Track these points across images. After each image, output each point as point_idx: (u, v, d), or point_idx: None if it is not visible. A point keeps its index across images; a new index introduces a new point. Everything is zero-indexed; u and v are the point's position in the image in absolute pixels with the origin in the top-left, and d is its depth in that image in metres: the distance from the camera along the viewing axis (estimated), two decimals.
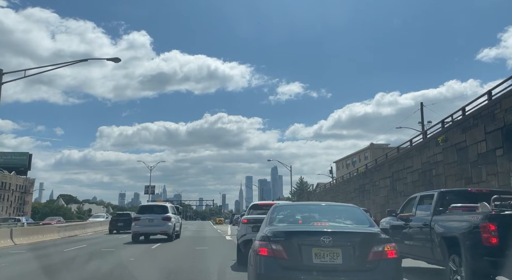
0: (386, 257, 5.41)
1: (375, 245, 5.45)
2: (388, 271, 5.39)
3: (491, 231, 6.91)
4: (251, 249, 6.16)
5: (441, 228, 8.50)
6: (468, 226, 7.50)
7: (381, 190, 27.64)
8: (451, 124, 17.88)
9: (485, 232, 6.96)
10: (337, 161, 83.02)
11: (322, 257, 5.39)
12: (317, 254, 5.41)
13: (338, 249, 5.40)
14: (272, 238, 5.59)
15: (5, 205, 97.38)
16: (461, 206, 8.47)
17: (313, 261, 5.39)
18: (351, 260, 5.37)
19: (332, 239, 5.42)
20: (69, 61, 23.08)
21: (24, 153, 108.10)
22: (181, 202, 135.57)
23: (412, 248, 9.48)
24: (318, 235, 5.54)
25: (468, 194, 9.63)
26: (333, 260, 5.38)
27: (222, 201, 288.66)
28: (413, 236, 9.57)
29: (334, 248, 5.40)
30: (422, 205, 10.10)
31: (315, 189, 75.40)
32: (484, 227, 7.00)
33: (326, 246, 5.40)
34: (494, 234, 6.92)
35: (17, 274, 10.76)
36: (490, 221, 7.00)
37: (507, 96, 13.55)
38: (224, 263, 12.10)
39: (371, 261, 5.36)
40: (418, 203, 10.28)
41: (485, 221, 7.03)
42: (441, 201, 9.34)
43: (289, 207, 7.35)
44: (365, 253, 5.39)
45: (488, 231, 6.94)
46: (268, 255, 5.48)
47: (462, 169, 16.19)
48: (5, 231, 21.85)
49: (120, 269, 11.17)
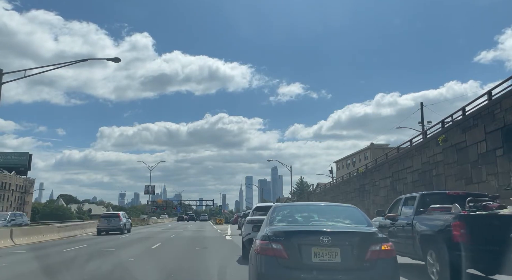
0: (383, 256, 5.53)
1: (373, 245, 5.56)
2: (385, 270, 5.51)
3: (460, 229, 7.94)
4: (252, 249, 6.24)
5: (421, 227, 9.48)
6: (442, 225, 8.58)
7: (381, 190, 27.63)
8: (451, 124, 17.87)
9: (455, 230, 7.99)
10: (337, 161, 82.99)
11: (321, 256, 5.49)
12: (316, 253, 5.50)
13: (337, 248, 5.50)
14: (273, 237, 5.67)
15: (5, 205, 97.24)
16: (439, 207, 9.52)
17: (312, 260, 5.48)
18: (350, 259, 5.47)
19: (331, 238, 5.51)
20: (69, 61, 23.06)
21: (24, 153, 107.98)
22: (181, 202, 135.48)
23: (397, 245, 9.62)
24: (317, 234, 5.62)
25: (447, 196, 10.51)
26: (331, 259, 5.47)
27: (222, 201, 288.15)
28: (398, 234, 10.34)
29: (332, 247, 5.50)
30: (406, 206, 11.03)
31: (315, 189, 75.35)
32: (455, 225, 8.05)
33: (325, 246, 5.50)
34: (463, 232, 7.93)
35: (17, 274, 10.75)
36: (460, 220, 8.07)
37: (507, 96, 13.54)
38: (224, 264, 12.10)
39: (368, 260, 5.46)
40: (403, 204, 11.26)
41: (455, 220, 8.09)
42: (422, 202, 10.34)
43: (288, 207, 7.43)
44: (363, 252, 5.49)
45: (458, 229, 7.97)
46: (268, 254, 5.56)
47: (462, 169, 16.18)
48: (5, 231, 21.84)
49: (120, 269, 11.16)
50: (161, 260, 13.38)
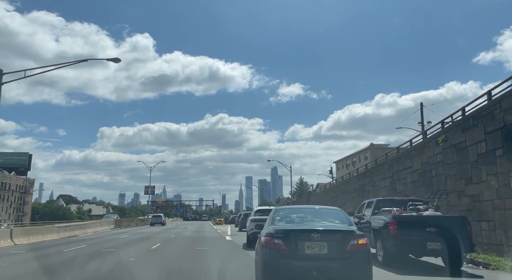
0: (360, 248, 7.22)
1: (352, 239, 7.25)
2: (361, 259, 7.20)
3: (394, 225, 11.39)
4: (257, 243, 7.98)
5: (373, 223, 13.04)
6: (385, 222, 12.00)
7: (381, 190, 27.62)
8: (451, 125, 17.86)
9: (391, 226, 11.45)
10: (337, 162, 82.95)
11: (313, 249, 7.16)
12: (308, 246, 7.16)
13: (324, 242, 7.17)
14: (275, 234, 7.34)
15: (5, 205, 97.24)
16: (386, 210, 13.29)
17: (305, 252, 7.14)
18: (334, 251, 7.14)
19: (320, 235, 7.19)
20: (69, 61, 23.02)
21: (24, 153, 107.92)
22: (181, 202, 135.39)
23: None
24: (309, 232, 7.28)
25: (396, 201, 14.25)
26: (320, 251, 7.15)
27: (222, 201, 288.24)
28: (363, 230, 12.35)
29: (321, 242, 7.16)
30: (369, 208, 14.47)
31: (315, 189, 75.32)
32: (391, 223, 11.52)
33: (315, 240, 7.16)
34: (394, 227, 11.36)
35: (17, 274, 10.75)
36: (393, 219, 11.62)
37: (507, 97, 13.53)
38: (224, 264, 12.10)
39: (348, 251, 7.13)
40: (366, 207, 14.88)
41: (391, 219, 11.65)
42: (377, 206, 14.03)
43: (287, 210, 9.21)
44: (344, 245, 7.16)
45: (392, 225, 11.42)
46: (271, 247, 7.22)
47: (462, 169, 16.18)
48: (5, 231, 21.85)
49: (120, 269, 11.17)
50: (161, 260, 13.39)
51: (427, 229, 11.11)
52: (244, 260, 13.33)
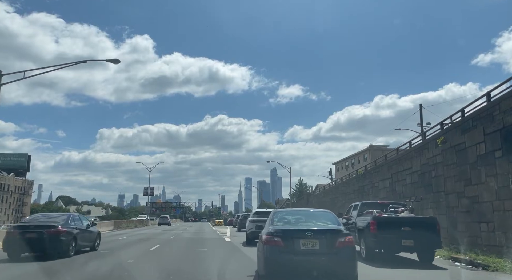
0: (347, 245, 8.35)
1: (340, 237, 8.39)
2: (347, 254, 8.32)
3: (374, 225, 13.10)
4: (259, 240, 9.27)
5: (358, 224, 14.66)
6: (366, 223, 13.68)
7: (380, 191, 27.62)
8: (450, 126, 17.87)
9: (371, 225, 13.17)
10: (336, 163, 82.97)
11: (307, 245, 8.30)
12: (303, 243, 8.30)
13: (317, 240, 8.32)
14: (274, 233, 8.51)
15: (3, 206, 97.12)
16: (368, 212, 14.91)
17: (300, 248, 8.29)
18: (325, 247, 8.29)
19: (313, 233, 8.37)
20: (69, 62, 23.02)
21: (23, 154, 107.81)
22: (180, 203, 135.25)
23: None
24: (304, 231, 8.45)
25: (378, 204, 16.09)
26: (313, 247, 8.30)
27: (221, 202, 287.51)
28: (350, 229, 13.64)
29: (314, 239, 8.32)
30: (355, 210, 16.13)
31: (314, 190, 75.32)
32: (371, 223, 13.25)
33: (309, 238, 8.31)
34: (374, 227, 13.07)
35: (17, 275, 10.73)
36: (373, 219, 13.36)
37: (506, 98, 13.55)
38: (223, 266, 12.10)
39: (337, 247, 8.25)
40: (353, 209, 16.63)
41: (371, 220, 13.42)
42: (362, 208, 15.77)
43: (284, 212, 10.35)
44: (333, 243, 8.30)
45: (372, 225, 13.13)
46: (271, 244, 8.35)
47: (461, 171, 16.19)
48: (2, 232, 21.78)
49: (119, 270, 11.16)
50: (160, 261, 13.38)
51: (402, 229, 12.83)
52: (243, 261, 13.34)
